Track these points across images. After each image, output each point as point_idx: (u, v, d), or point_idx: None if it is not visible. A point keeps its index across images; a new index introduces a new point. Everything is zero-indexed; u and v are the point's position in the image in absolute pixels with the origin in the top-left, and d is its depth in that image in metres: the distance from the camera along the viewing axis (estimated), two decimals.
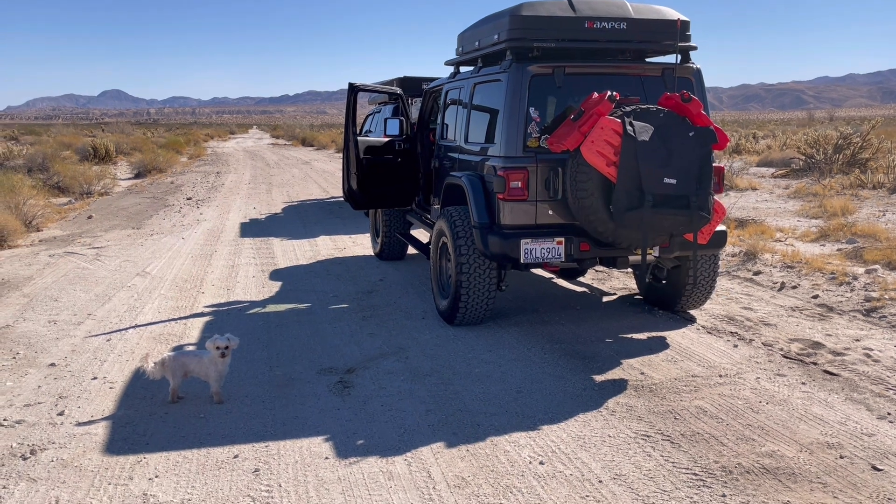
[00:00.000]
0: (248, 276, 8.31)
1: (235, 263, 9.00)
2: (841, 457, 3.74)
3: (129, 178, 21.47)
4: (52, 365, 5.29)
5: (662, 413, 4.33)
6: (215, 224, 12.42)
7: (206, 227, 12.13)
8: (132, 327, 6.25)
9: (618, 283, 7.72)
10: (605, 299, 7.13)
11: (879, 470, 3.58)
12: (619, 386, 4.80)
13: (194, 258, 9.33)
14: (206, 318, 6.52)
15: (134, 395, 4.70)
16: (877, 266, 7.57)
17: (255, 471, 3.69)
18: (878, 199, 13.15)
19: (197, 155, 34.10)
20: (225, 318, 6.52)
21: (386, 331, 6.09)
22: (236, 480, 3.60)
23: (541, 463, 3.74)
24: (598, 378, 4.95)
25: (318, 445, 3.96)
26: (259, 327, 6.23)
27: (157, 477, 3.64)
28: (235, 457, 3.84)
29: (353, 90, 7.48)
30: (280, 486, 3.54)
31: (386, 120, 7.83)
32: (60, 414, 4.41)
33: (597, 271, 8.04)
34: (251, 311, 6.79)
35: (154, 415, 4.40)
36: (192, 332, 6.12)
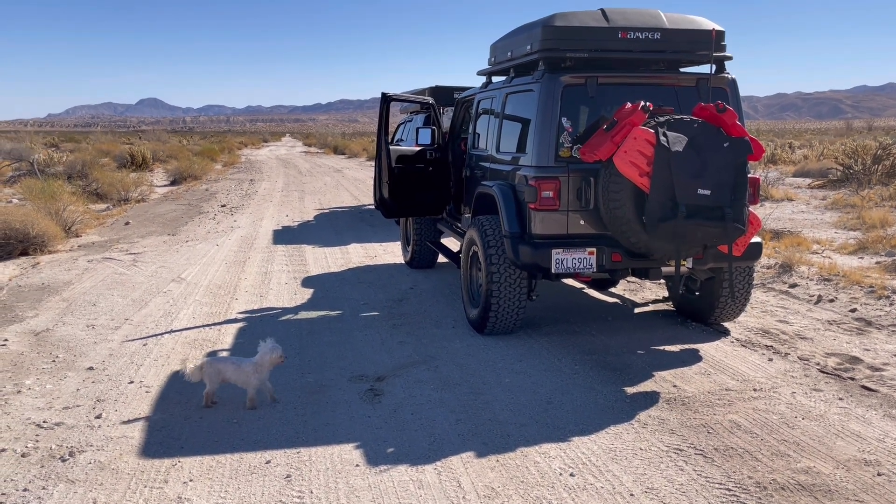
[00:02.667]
0: (281, 283, 8.40)
1: (268, 270, 9.12)
2: (879, 474, 3.65)
3: (165, 185, 21.87)
4: (91, 368, 5.40)
5: (695, 427, 4.28)
6: (249, 231, 12.59)
7: (240, 234, 12.30)
8: (168, 332, 6.36)
9: (650, 294, 7.65)
10: (636, 310, 7.07)
11: None
12: (651, 398, 4.75)
13: (228, 265, 9.47)
14: (240, 325, 6.61)
15: (169, 400, 4.79)
16: None
17: (287, 476, 3.73)
18: None
19: (231, 162, 34.63)
20: (258, 325, 6.61)
21: (416, 339, 6.11)
22: (268, 486, 3.64)
23: (571, 475, 3.72)
24: (630, 390, 4.91)
25: (349, 452, 3.99)
26: (291, 334, 6.30)
27: (191, 481, 3.70)
28: (268, 462, 3.88)
29: (386, 100, 7.54)
30: (311, 492, 3.57)
31: (418, 129, 7.88)
32: (98, 417, 4.50)
33: (629, 282, 7.98)
34: (283, 318, 6.87)
35: (189, 419, 4.47)
36: (226, 337, 6.21)
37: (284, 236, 12.06)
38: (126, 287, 8.12)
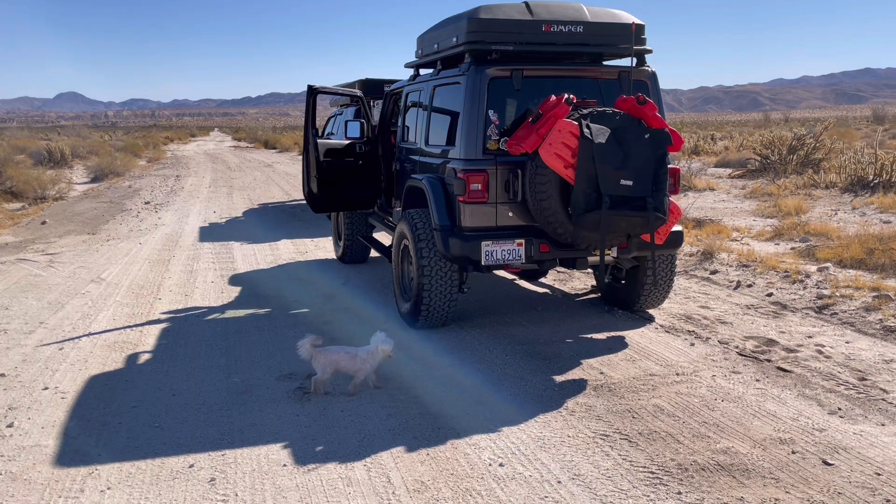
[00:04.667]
0: (207, 281, 8.18)
1: (194, 269, 8.86)
2: (793, 452, 3.81)
3: (86, 183, 21.02)
4: (2, 375, 5.14)
5: (621, 412, 4.38)
6: (174, 229, 12.22)
7: (165, 231, 11.92)
8: (86, 335, 6.11)
9: (579, 283, 7.78)
10: (566, 300, 7.18)
11: (830, 465, 3.66)
12: (578, 386, 4.83)
13: (152, 264, 9.16)
14: (163, 325, 6.41)
15: (87, 406, 4.59)
16: (828, 264, 7.76)
17: (211, 480, 3.62)
18: (831, 198, 13.49)
19: (156, 158, 33.55)
20: (183, 325, 6.42)
21: (347, 335, 6.04)
22: (191, 491, 3.53)
23: (500, 465, 3.74)
24: (559, 379, 4.98)
25: (277, 453, 3.91)
26: (217, 334, 6.14)
27: (109, 489, 3.56)
28: (191, 466, 3.77)
29: (313, 92, 7.42)
30: (236, 495, 3.49)
31: (347, 122, 7.78)
32: (10, 426, 4.28)
33: (558, 272, 8.10)
34: (209, 318, 6.69)
35: (107, 425, 4.30)
36: (148, 339, 6.01)
37: (212, 233, 11.75)
38: (41, 289, 7.76)
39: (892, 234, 8.56)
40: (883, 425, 4.14)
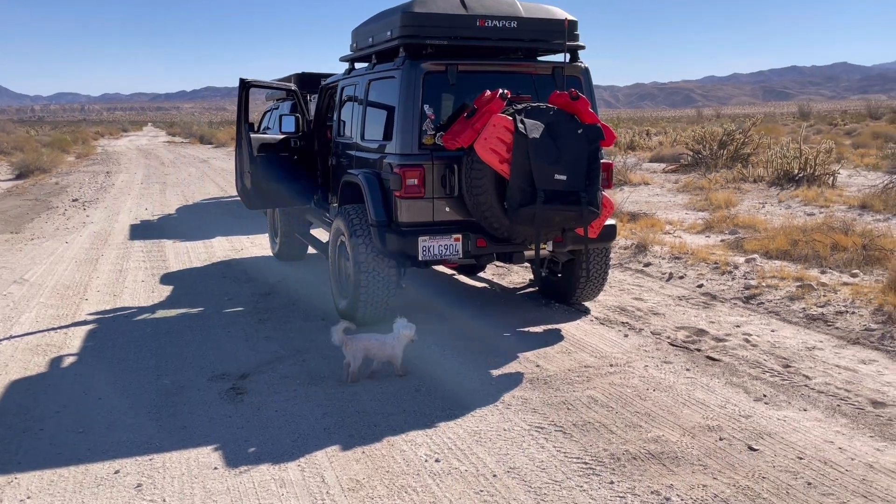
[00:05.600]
0: (137, 280, 7.93)
1: (124, 268, 8.57)
2: (720, 439, 3.92)
3: (10, 180, 20.12)
4: None
5: (556, 404, 4.43)
6: (103, 227, 11.80)
7: (93, 229, 11.51)
8: (6, 339, 5.84)
9: (517, 277, 7.84)
10: (504, 294, 7.23)
11: (755, 450, 3.78)
12: (515, 379, 4.87)
13: (78, 263, 8.82)
14: (90, 327, 6.17)
15: (6, 412, 4.39)
16: (756, 255, 8.03)
17: (138, 486, 3.51)
18: (759, 191, 13.97)
19: (85, 154, 32.34)
20: (110, 326, 6.19)
21: (283, 333, 5.94)
22: (116, 497, 3.41)
23: (436, 460, 3.74)
24: (496, 372, 5.00)
25: (207, 456, 3.81)
26: (147, 334, 5.95)
27: (29, 498, 3.40)
28: (116, 472, 3.64)
29: (245, 86, 7.25)
30: (164, 500, 3.38)
31: (281, 117, 7.64)
32: None
33: (497, 266, 8.15)
34: (139, 318, 6.48)
35: (28, 431, 4.12)
36: (73, 341, 5.78)
37: (143, 231, 11.40)
38: None
39: (815, 225, 8.91)
40: (805, 410, 4.30)
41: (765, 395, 4.52)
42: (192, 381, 4.88)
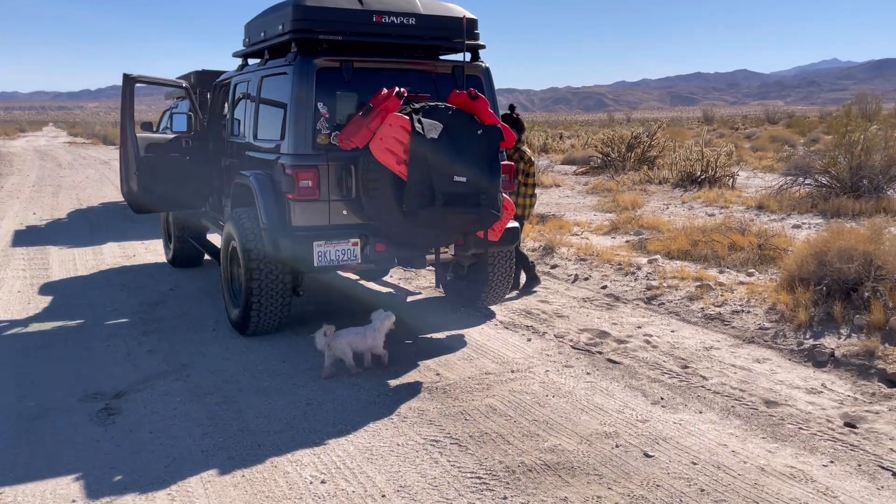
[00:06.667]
0: (13, 290, 7.31)
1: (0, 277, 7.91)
2: (617, 446, 3.84)
3: None
4: None
5: (454, 415, 4.25)
6: None
7: None
8: None
9: (424, 282, 7.66)
10: (409, 299, 7.04)
11: (650, 456, 3.71)
12: (413, 389, 4.67)
13: None
14: None
15: None
16: (658, 256, 8.13)
17: None
18: (664, 193, 14.31)
19: None
20: None
21: (169, 346, 5.55)
22: None
23: (322, 482, 3.49)
24: (394, 383, 4.79)
25: (66, 487, 3.44)
26: (16, 350, 5.44)
27: None
28: None
29: (129, 81, 6.79)
30: None
31: (173, 115, 7.21)
32: None
33: (405, 270, 7.94)
34: (10, 332, 5.93)
35: None
36: None
37: (27, 237, 10.60)
38: None
39: (715, 226, 9.12)
40: (701, 412, 4.29)
41: (662, 399, 4.49)
42: (61, 403, 4.46)
